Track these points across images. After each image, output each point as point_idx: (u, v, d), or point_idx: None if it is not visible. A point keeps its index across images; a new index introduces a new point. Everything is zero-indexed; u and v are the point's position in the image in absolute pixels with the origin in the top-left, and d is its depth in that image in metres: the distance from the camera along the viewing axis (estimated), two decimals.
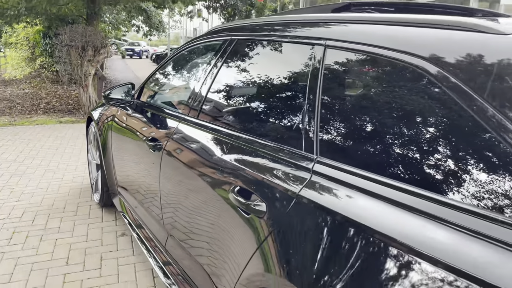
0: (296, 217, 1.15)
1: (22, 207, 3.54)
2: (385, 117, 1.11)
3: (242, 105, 1.74)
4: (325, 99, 1.28)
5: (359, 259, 0.95)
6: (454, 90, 0.95)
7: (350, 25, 1.31)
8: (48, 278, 2.51)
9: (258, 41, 1.74)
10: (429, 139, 0.99)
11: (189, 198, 1.78)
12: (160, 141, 2.12)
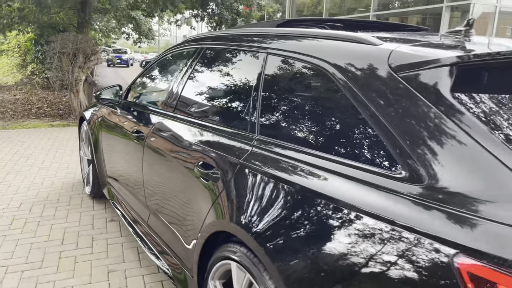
0: (240, 178, 1.56)
1: (20, 199, 3.90)
2: (302, 104, 1.53)
3: (206, 100, 2.16)
4: (265, 94, 1.70)
5: (279, 202, 1.37)
6: (342, 84, 1.37)
7: (283, 38, 1.74)
8: (46, 255, 2.88)
9: (220, 49, 2.17)
10: (327, 116, 1.41)
11: (165, 176, 2.18)
12: (143, 133, 2.52)
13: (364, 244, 1.09)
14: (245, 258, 1.45)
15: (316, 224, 1.24)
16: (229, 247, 1.55)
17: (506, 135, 1.05)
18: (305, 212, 1.28)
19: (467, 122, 1.07)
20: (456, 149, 1.05)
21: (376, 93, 1.27)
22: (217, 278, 1.68)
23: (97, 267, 2.74)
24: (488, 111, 1.12)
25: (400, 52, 1.30)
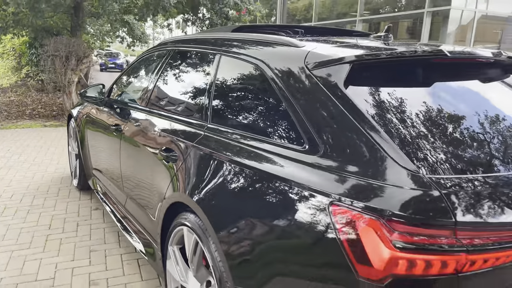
0: (192, 157, 1.87)
1: (12, 191, 4.18)
2: (244, 97, 1.84)
3: (172, 94, 2.47)
4: (216, 89, 2.01)
5: (220, 176, 1.67)
6: (272, 79, 1.68)
7: (231, 42, 2.06)
8: (34, 237, 3.17)
9: (185, 51, 2.48)
10: (261, 106, 1.72)
11: (138, 163, 2.49)
12: (121, 125, 2.83)
13: (277, 200, 1.40)
14: (193, 223, 1.75)
15: (246, 191, 1.55)
16: (183, 215, 1.86)
17: (382, 121, 1.36)
18: (239, 183, 1.59)
19: (353, 109, 1.38)
20: (342, 130, 1.36)
21: (294, 86, 1.59)
22: (174, 243, 1.98)
23: (80, 248, 3.03)
24: (373, 101, 1.44)
25: (315, 52, 1.61)
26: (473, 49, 1.78)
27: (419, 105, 1.42)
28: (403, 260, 1.10)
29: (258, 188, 1.50)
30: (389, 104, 1.42)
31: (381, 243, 1.12)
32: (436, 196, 1.12)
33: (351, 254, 1.16)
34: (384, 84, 1.50)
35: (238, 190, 1.57)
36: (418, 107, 1.41)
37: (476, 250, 1.10)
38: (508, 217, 1.15)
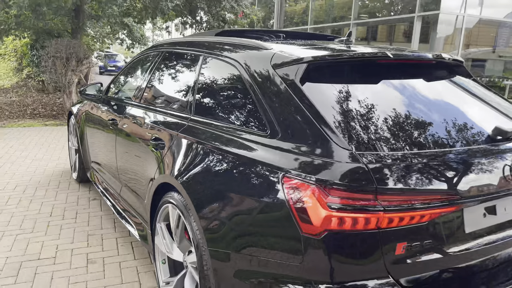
0: (176, 144, 2.16)
1: (15, 183, 4.47)
2: (222, 92, 2.13)
3: (161, 91, 2.76)
4: (199, 86, 2.30)
5: (200, 160, 1.96)
6: (245, 76, 1.97)
7: (213, 45, 2.35)
8: (36, 224, 3.45)
9: (174, 52, 2.78)
10: (235, 99, 2.01)
11: (131, 152, 2.77)
12: (116, 120, 3.11)
13: (244, 176, 1.69)
14: (177, 200, 2.03)
15: (220, 171, 1.83)
16: (168, 194, 2.14)
17: (328, 111, 1.64)
18: (215, 165, 1.87)
19: (306, 102, 1.66)
20: (295, 118, 1.64)
21: (261, 82, 1.87)
22: (161, 220, 2.27)
23: (79, 232, 3.31)
24: (323, 94, 1.72)
25: (279, 54, 1.90)
26: (415, 52, 2.08)
27: (359, 99, 1.70)
28: (335, 218, 1.38)
29: (229, 167, 1.78)
30: (335, 97, 1.70)
31: (319, 205, 1.40)
32: (362, 168, 1.40)
33: (296, 215, 1.44)
34: (334, 81, 1.79)
35: (214, 171, 1.86)
36: (357, 100, 1.70)
37: (392, 210, 1.38)
38: (419, 185, 1.44)
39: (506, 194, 1.65)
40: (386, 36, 13.63)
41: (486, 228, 1.61)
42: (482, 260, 1.62)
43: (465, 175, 1.55)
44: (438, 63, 2.15)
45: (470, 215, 1.56)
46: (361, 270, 1.42)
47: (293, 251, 1.46)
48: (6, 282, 2.57)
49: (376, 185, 1.38)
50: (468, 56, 11.79)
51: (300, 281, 1.45)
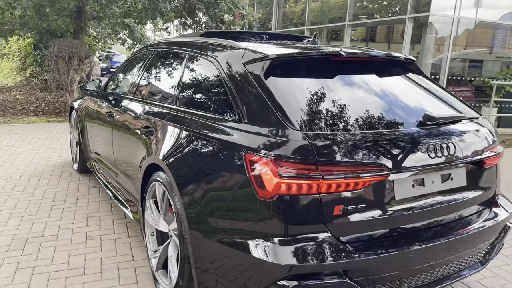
0: (163, 130, 2.49)
1: (20, 173, 4.81)
2: (202, 85, 2.47)
3: (152, 85, 3.09)
4: (184, 81, 2.63)
5: (182, 143, 2.29)
6: (221, 72, 2.29)
7: (195, 44, 2.68)
8: (40, 207, 3.79)
9: (165, 51, 3.11)
10: (213, 91, 2.34)
11: (125, 141, 3.11)
12: (113, 112, 3.45)
13: (216, 154, 2.02)
14: (163, 178, 2.36)
15: (198, 152, 2.16)
16: (156, 174, 2.47)
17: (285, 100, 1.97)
18: (194, 147, 2.20)
19: (267, 92, 1.98)
20: (258, 106, 1.97)
21: (234, 77, 2.20)
22: (150, 197, 2.60)
23: (79, 214, 3.65)
24: (282, 86, 2.04)
25: (249, 52, 2.23)
26: (365, 51, 2.41)
27: (311, 90, 2.03)
28: (284, 185, 1.71)
29: (205, 148, 2.12)
30: (292, 89, 2.03)
31: (271, 175, 1.73)
32: (306, 145, 1.73)
33: (254, 183, 1.77)
34: (293, 75, 2.12)
35: (193, 152, 2.19)
36: (310, 91, 2.02)
37: (330, 178, 1.71)
38: (354, 158, 1.76)
39: (433, 170, 1.98)
40: (382, 37, 13.95)
41: (414, 196, 1.94)
42: (410, 222, 1.95)
43: (396, 152, 1.87)
44: (390, 61, 2.48)
45: (400, 186, 1.88)
46: (306, 226, 1.75)
47: (253, 212, 1.79)
48: (13, 254, 2.91)
49: (317, 158, 1.71)
50: (460, 56, 12.10)
51: (259, 235, 1.78)
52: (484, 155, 2.18)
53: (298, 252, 1.72)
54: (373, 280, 1.82)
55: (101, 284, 2.57)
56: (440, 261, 1.99)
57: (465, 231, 2.05)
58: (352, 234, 1.82)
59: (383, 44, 13.83)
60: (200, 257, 2.05)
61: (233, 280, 1.90)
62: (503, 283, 2.72)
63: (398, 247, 1.84)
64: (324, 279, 1.72)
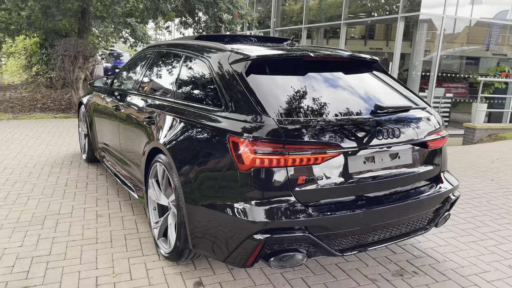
0: (162, 119, 2.95)
1: (34, 162, 5.28)
2: (196, 81, 2.92)
3: (154, 82, 3.55)
4: (180, 77, 3.09)
5: (179, 129, 2.75)
6: (212, 70, 2.75)
7: (194, 46, 3.14)
8: (55, 191, 4.26)
9: (165, 52, 3.57)
10: (205, 87, 2.80)
11: (131, 131, 3.57)
12: (119, 106, 3.91)
13: (206, 139, 2.48)
14: (163, 159, 2.82)
15: (192, 137, 2.62)
16: (157, 156, 2.93)
17: (262, 93, 2.42)
18: (188, 132, 2.66)
19: (247, 87, 2.44)
20: (240, 98, 2.42)
21: (222, 74, 2.65)
22: (152, 176, 3.06)
23: (89, 197, 4.12)
24: (261, 82, 2.50)
25: (234, 54, 2.68)
26: (333, 52, 2.86)
27: (284, 85, 2.49)
28: (258, 159, 2.17)
29: (198, 133, 2.57)
30: (268, 84, 2.49)
31: (248, 152, 2.19)
32: (276, 128, 2.19)
33: (235, 159, 2.23)
34: (270, 73, 2.57)
35: (187, 136, 2.65)
36: (282, 85, 2.48)
37: (295, 154, 2.17)
38: (314, 138, 2.22)
39: (381, 149, 2.43)
40: (376, 35, 14.38)
41: (365, 170, 2.40)
42: (362, 191, 2.41)
43: (349, 135, 2.33)
44: (356, 60, 2.93)
45: (353, 162, 2.34)
46: (276, 192, 2.20)
47: (234, 182, 2.25)
48: (35, 228, 3.38)
49: (284, 138, 2.17)
50: (451, 54, 12.52)
51: (240, 200, 2.24)
52: (428, 138, 2.63)
53: (270, 212, 2.18)
54: (329, 236, 2.28)
55: (111, 250, 3.04)
56: (386, 223, 2.45)
57: (409, 199, 2.51)
58: (313, 198, 2.28)
59: (377, 42, 14.26)
60: (194, 222, 2.52)
61: (219, 237, 2.37)
62: (453, 250, 3.18)
63: (350, 210, 2.30)
64: (290, 233, 2.18)
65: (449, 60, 12.71)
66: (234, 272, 2.77)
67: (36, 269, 2.75)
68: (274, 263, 2.24)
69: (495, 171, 5.62)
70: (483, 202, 4.30)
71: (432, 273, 2.82)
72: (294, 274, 2.77)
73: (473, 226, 3.63)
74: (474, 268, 2.90)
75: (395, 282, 2.70)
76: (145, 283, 2.63)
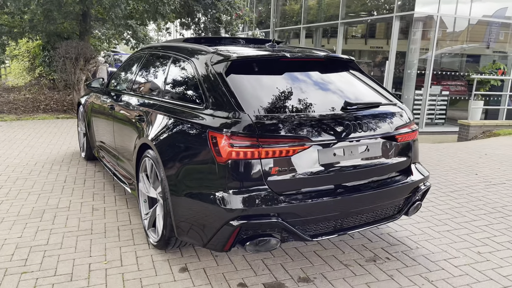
0: (151, 117, 3.15)
1: (35, 160, 5.50)
2: (182, 81, 3.12)
3: (145, 82, 3.76)
4: (168, 78, 3.29)
5: (166, 126, 2.95)
6: (196, 70, 2.95)
7: (177, 47, 3.34)
8: (54, 187, 4.48)
9: (154, 53, 3.77)
10: (190, 86, 2.99)
11: (124, 128, 3.77)
12: (114, 106, 4.12)
13: (188, 133, 2.67)
14: (152, 154, 3.02)
15: (177, 132, 2.81)
16: (146, 151, 3.13)
17: (239, 91, 2.61)
18: (174, 128, 2.86)
19: (226, 86, 2.63)
20: (218, 96, 2.62)
21: (204, 75, 2.85)
22: (142, 171, 3.26)
23: (86, 192, 4.33)
24: (239, 81, 2.69)
25: (215, 55, 2.88)
26: (308, 52, 3.05)
27: (260, 83, 2.68)
28: (234, 152, 2.36)
29: (181, 129, 2.77)
30: (245, 83, 2.68)
31: (226, 145, 2.38)
32: (251, 123, 2.38)
33: (214, 152, 2.43)
34: (248, 72, 2.76)
35: (172, 133, 2.84)
36: (259, 84, 2.67)
37: (268, 147, 2.36)
38: (286, 132, 2.41)
39: (351, 142, 2.62)
40: (376, 34, 14.51)
41: (335, 162, 2.58)
42: (332, 181, 2.59)
43: (319, 129, 2.52)
44: (332, 60, 3.12)
45: (323, 154, 2.53)
46: (251, 182, 2.40)
47: (213, 173, 2.45)
48: (34, 221, 3.59)
49: (257, 133, 2.36)
50: (446, 52, 12.66)
51: (220, 189, 2.43)
52: (397, 132, 2.82)
53: (245, 200, 2.37)
54: (300, 222, 2.47)
55: (105, 240, 3.24)
56: (355, 211, 2.64)
57: (378, 189, 2.69)
58: (285, 188, 2.47)
59: (377, 41, 14.41)
60: (178, 211, 2.71)
61: (200, 224, 2.56)
62: (427, 238, 3.35)
63: (320, 198, 2.49)
64: (263, 219, 2.37)
65: (445, 58, 12.85)
66: (218, 259, 2.96)
67: (34, 257, 2.96)
68: (250, 247, 2.44)
69: (480, 166, 5.78)
70: (463, 194, 4.47)
71: (403, 258, 3.00)
72: (273, 260, 2.96)
73: (450, 217, 3.81)
74: (444, 254, 3.07)
75: (367, 266, 2.89)
76: (134, 268, 2.83)
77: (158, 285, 2.64)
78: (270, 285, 2.66)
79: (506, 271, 2.87)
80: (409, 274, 2.80)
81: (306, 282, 2.68)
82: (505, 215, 3.91)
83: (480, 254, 3.11)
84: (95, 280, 2.68)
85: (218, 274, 2.78)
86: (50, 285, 2.61)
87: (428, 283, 2.70)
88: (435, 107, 12.28)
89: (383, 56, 12.92)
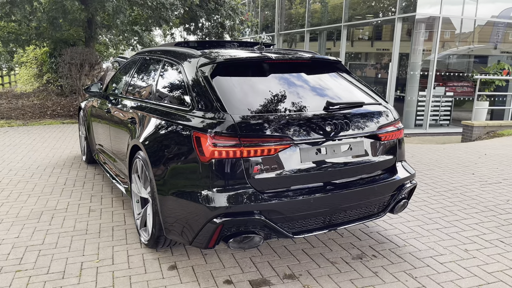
0: (142, 119, 3.24)
1: (37, 164, 5.63)
2: (172, 84, 3.20)
3: (138, 85, 3.85)
4: (159, 81, 3.37)
5: (155, 128, 3.03)
6: (184, 73, 3.03)
7: (171, 52, 3.42)
8: (54, 189, 4.58)
9: (148, 57, 3.87)
10: (179, 88, 3.07)
11: (118, 130, 3.87)
12: (110, 109, 4.22)
13: (175, 135, 2.75)
14: (142, 156, 3.10)
15: (164, 133, 2.89)
16: (137, 153, 3.21)
17: (223, 92, 2.68)
18: (162, 130, 2.94)
19: (211, 88, 2.70)
20: (204, 98, 2.69)
21: (191, 77, 2.92)
22: (135, 172, 3.34)
23: (85, 194, 4.43)
24: (224, 83, 2.76)
25: (202, 58, 2.95)
26: (294, 54, 3.11)
27: (244, 85, 2.75)
28: (217, 151, 2.43)
29: (169, 131, 2.85)
30: (230, 85, 2.75)
31: (208, 145, 2.45)
32: (233, 124, 2.44)
33: (197, 151, 2.50)
34: (233, 75, 2.83)
35: (160, 134, 2.92)
36: (242, 86, 2.74)
37: (249, 146, 2.42)
38: (267, 132, 2.47)
39: (333, 141, 2.67)
40: (379, 36, 14.52)
41: (318, 160, 2.64)
42: (314, 179, 2.64)
43: (301, 128, 2.57)
44: (318, 62, 3.17)
45: (305, 153, 2.58)
46: (234, 180, 2.46)
47: (197, 172, 2.52)
48: (32, 222, 3.69)
49: (239, 133, 2.43)
50: (449, 53, 12.61)
51: (203, 187, 2.49)
52: (381, 131, 2.86)
53: (227, 198, 2.44)
54: (282, 219, 2.53)
55: (98, 240, 3.33)
56: (337, 209, 2.68)
57: (360, 187, 2.74)
58: (267, 186, 2.53)
59: (379, 42, 14.42)
60: (165, 210, 2.78)
61: (185, 222, 2.63)
62: (416, 236, 3.38)
63: (301, 196, 2.55)
64: (245, 217, 2.43)
65: (451, 59, 12.80)
66: (207, 257, 3.03)
67: (29, 256, 3.05)
68: (234, 244, 2.50)
69: (478, 166, 5.77)
70: (457, 194, 4.48)
71: (390, 256, 3.04)
72: (261, 258, 3.01)
73: (441, 215, 3.83)
74: (430, 252, 3.10)
75: (353, 264, 2.93)
76: (125, 267, 2.90)
77: (146, 282, 2.71)
78: (256, 282, 2.71)
79: (492, 268, 2.89)
80: (394, 270, 2.83)
81: (291, 279, 2.73)
82: (497, 213, 3.91)
83: (467, 251, 3.13)
84: (86, 277, 2.76)
85: (206, 271, 2.84)
86: (42, 283, 2.69)
87: (411, 279, 2.73)
88: (439, 108, 12.23)
89: (388, 58, 12.91)
